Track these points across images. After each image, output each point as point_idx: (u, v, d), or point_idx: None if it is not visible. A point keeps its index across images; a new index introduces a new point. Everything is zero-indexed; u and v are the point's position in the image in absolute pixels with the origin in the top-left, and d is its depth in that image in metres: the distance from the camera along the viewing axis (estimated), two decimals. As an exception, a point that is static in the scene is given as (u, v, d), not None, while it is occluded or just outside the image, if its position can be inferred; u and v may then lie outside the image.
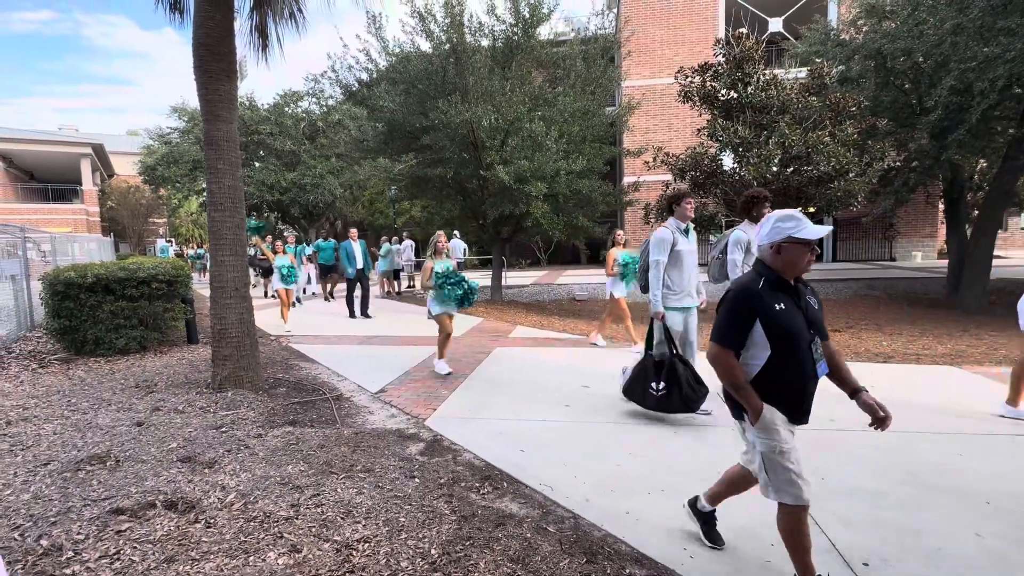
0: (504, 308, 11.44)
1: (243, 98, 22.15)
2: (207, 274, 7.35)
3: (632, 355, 6.66)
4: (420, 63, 10.76)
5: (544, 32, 12.09)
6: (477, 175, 11.14)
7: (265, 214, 23.96)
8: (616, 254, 7.01)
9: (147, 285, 6.83)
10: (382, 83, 11.48)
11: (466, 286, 5.47)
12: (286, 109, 21.82)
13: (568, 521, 2.80)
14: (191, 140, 21.50)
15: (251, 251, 15.71)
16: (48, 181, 31.79)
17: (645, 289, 4.58)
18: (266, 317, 10.42)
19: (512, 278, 16.85)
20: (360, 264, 10.03)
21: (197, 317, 8.10)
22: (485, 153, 10.68)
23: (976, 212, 11.51)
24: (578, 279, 16.54)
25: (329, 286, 13.88)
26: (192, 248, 24.42)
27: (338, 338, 8.18)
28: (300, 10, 5.72)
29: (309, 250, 15.24)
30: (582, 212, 11.83)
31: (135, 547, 2.50)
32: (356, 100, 12.71)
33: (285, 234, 24.31)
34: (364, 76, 11.93)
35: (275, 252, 9.56)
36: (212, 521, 2.74)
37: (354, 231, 10.39)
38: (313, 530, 2.67)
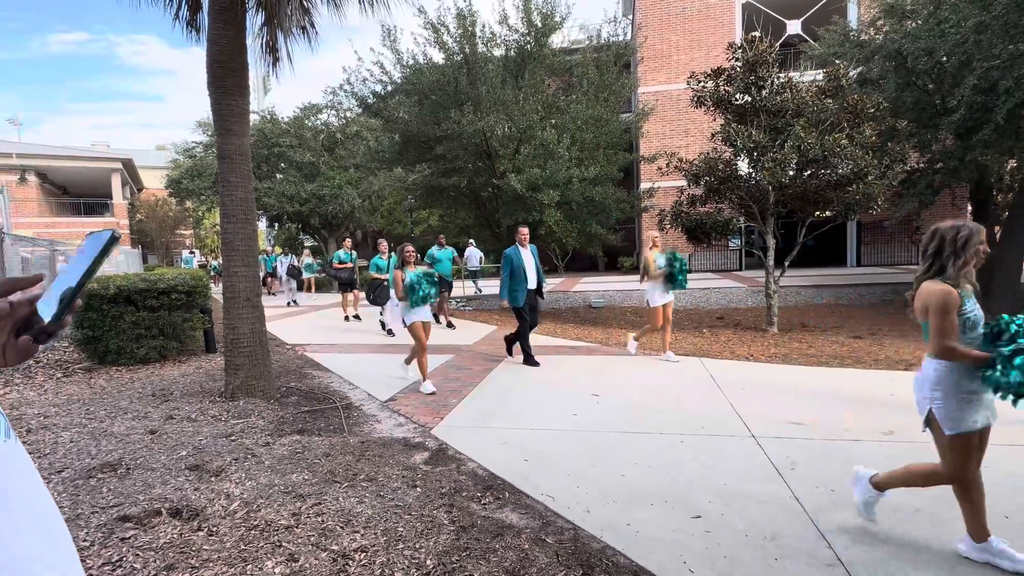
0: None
1: (265, 112, 22.69)
2: None
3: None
4: (433, 74, 10.89)
5: (557, 40, 12.14)
6: (490, 183, 11.20)
7: (286, 224, 24.42)
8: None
9: (167, 296, 7.00)
10: (396, 95, 11.65)
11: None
12: (306, 122, 22.24)
13: (568, 532, 2.76)
14: (214, 154, 22.05)
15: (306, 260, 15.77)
16: (80, 196, 32.89)
17: None
18: (285, 326, 10.60)
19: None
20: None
21: (215, 327, 8.27)
22: (498, 162, 10.73)
23: (1005, 214, 11.13)
24: (595, 286, 16.44)
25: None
26: (215, 258, 25.01)
27: (353, 347, 8.26)
28: (312, 25, 5.84)
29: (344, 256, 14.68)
30: (596, 219, 11.78)
31: (137, 554, 2.54)
32: (372, 112, 12.91)
33: (307, 246, 24.74)
34: (379, 88, 12.12)
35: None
36: (214, 529, 2.78)
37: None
38: (312, 539, 2.68)
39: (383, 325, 9.32)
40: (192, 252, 31.75)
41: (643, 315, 11.38)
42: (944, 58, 9.48)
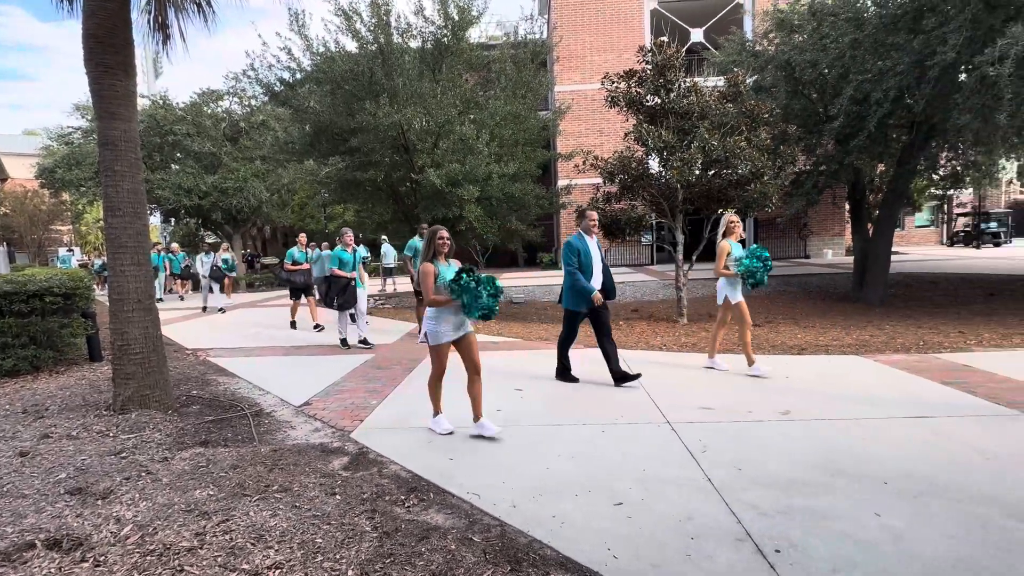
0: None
1: (156, 96, 20.77)
2: None
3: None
4: (346, 63, 10.45)
5: (475, 35, 12.07)
6: (409, 178, 10.96)
7: (184, 220, 22.54)
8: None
9: (39, 299, 6.20)
10: (306, 83, 11.07)
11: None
12: (205, 108, 20.61)
13: (495, 529, 2.74)
14: (96, 140, 19.90)
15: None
16: (-73, 185, 28.48)
17: None
18: (184, 330, 9.77)
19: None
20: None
21: (101, 332, 7.45)
22: (416, 156, 10.51)
23: (876, 212, 12.49)
24: (515, 282, 16.59)
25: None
26: (100, 257, 22.58)
27: (261, 350, 7.76)
28: (208, 2, 5.37)
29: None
30: (516, 215, 11.88)
31: (5, 596, 2.22)
32: (279, 100, 12.18)
33: (208, 242, 22.98)
34: (287, 76, 11.44)
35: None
36: (102, 559, 2.48)
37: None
38: (219, 560, 2.47)
39: (365, 342, 7.60)
40: (71, 250, 28.45)
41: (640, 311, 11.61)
42: (826, 70, 10.45)
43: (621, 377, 5.21)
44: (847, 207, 14.95)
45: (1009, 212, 26.31)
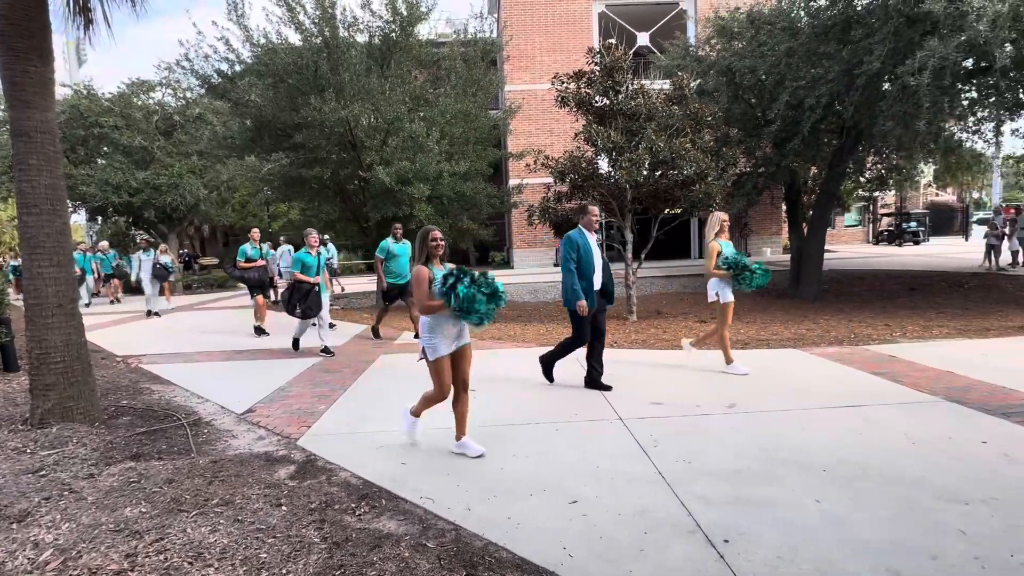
0: (391, 314, 11.04)
1: (80, 86, 19.39)
2: None
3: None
4: (289, 56, 10.07)
5: (424, 32, 11.89)
6: (357, 176, 10.68)
7: (112, 218, 21.16)
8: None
9: (-57, 305, 5.65)
10: (246, 76, 10.59)
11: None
12: (135, 100, 19.39)
13: (449, 534, 2.69)
14: (8, 131, 18.36)
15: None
16: None
17: None
18: (113, 335, 9.14)
19: (400, 282, 16.39)
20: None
21: (16, 340, 6.87)
22: (365, 153, 10.26)
23: (810, 213, 13.16)
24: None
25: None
26: (15, 259, 20.88)
27: (201, 355, 7.36)
28: (136, -14, 5.03)
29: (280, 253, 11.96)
30: (467, 214, 11.80)
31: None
32: (217, 93, 11.60)
33: (138, 240, 21.69)
34: (225, 67, 10.91)
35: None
36: (17, 588, 2.27)
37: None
38: (152, 582, 2.30)
39: (326, 351, 6.94)
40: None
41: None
42: (763, 76, 10.91)
43: (596, 384, 5.03)
44: (784, 208, 15.69)
45: (927, 213, 28.39)
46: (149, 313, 11.45)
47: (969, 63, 8.63)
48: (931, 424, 3.89)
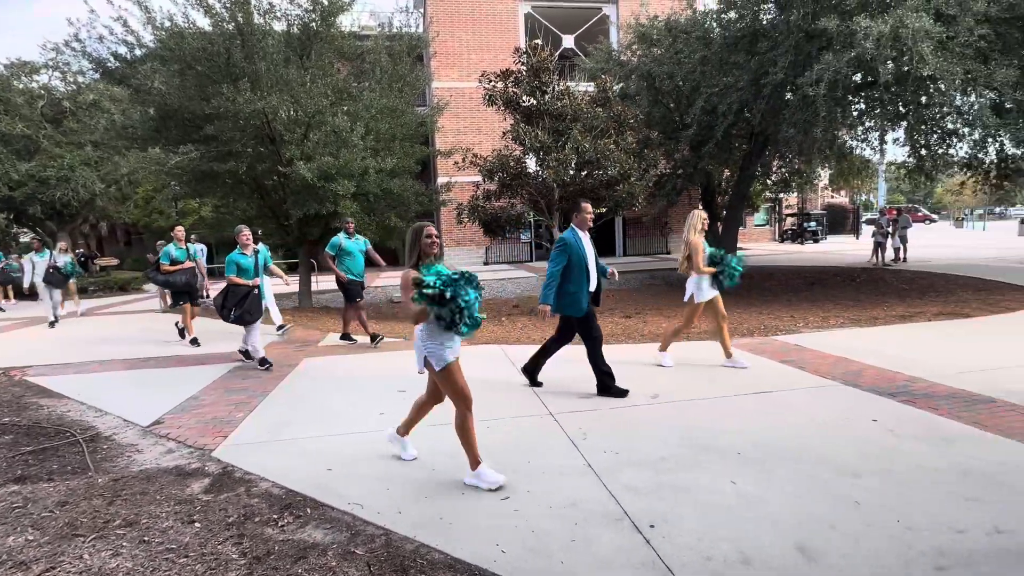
0: (314, 315, 10.63)
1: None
2: None
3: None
4: (198, 41, 9.39)
5: (347, 23, 11.49)
6: (276, 171, 10.15)
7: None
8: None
9: None
10: (148, 60, 9.77)
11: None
12: (15, 83, 17.40)
13: (379, 539, 2.62)
14: None
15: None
16: None
17: None
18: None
19: (325, 282, 15.81)
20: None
21: None
22: (284, 147, 9.76)
23: (724, 213, 14.03)
24: (397, 281, 16.19)
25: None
26: None
27: (98, 365, 6.72)
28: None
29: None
30: (395, 212, 11.54)
31: None
32: (114, 78, 10.63)
33: (27, 239, 19.57)
34: (123, 50, 10.01)
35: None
36: None
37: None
38: (41, 617, 2.07)
39: (246, 355, 6.37)
40: None
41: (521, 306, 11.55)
42: (681, 82, 11.49)
43: (611, 391, 4.74)
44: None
45: (824, 213, 30.98)
46: (52, 324, 10.13)
47: (858, 77, 9.50)
48: (831, 406, 4.25)
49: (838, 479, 3.02)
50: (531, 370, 5.07)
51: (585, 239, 4.76)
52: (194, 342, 7.68)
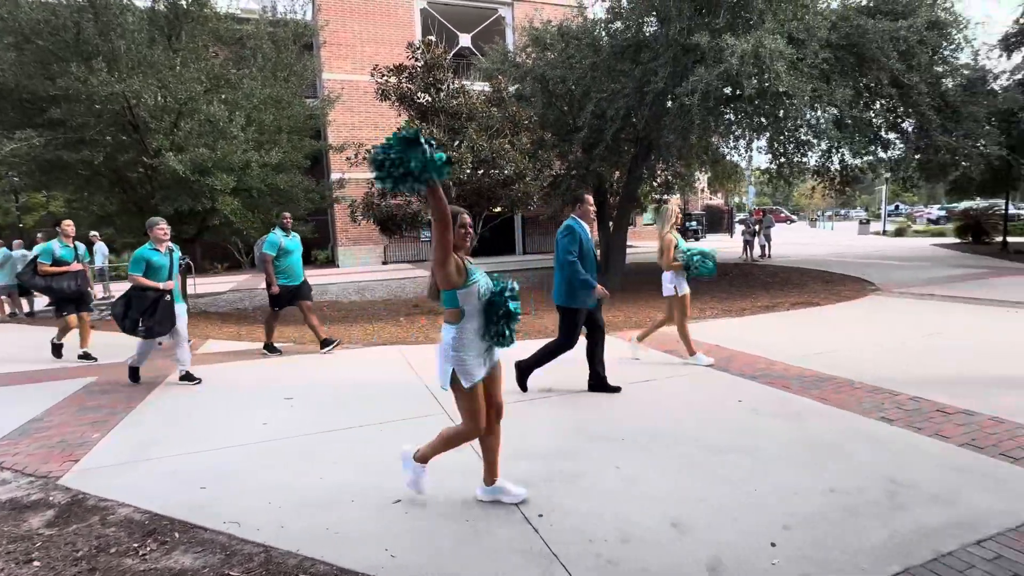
0: (193, 320, 9.70)
1: None
2: None
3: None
4: (37, 12, 8.20)
5: (223, 4, 10.64)
6: (141, 162, 9.15)
7: None
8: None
9: None
10: (-26, 31, 8.39)
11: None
12: None
13: (258, 557, 2.45)
14: None
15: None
16: None
17: None
18: None
19: (204, 285, 14.53)
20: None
21: None
22: (151, 136, 8.82)
23: (615, 212, 14.77)
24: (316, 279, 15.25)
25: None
26: None
27: (-90, 386, 5.65)
28: None
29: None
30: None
31: None
32: (-73, 48, 8.99)
33: None
34: (-62, 16, 8.49)
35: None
36: None
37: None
38: None
39: (190, 377, 5.46)
40: None
41: (420, 306, 11.14)
42: (572, 86, 11.91)
43: (604, 387, 4.67)
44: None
45: (704, 213, 33.77)
46: None
47: (728, 90, 10.44)
48: (705, 390, 4.63)
49: (709, 457, 3.30)
50: (524, 370, 4.74)
51: (588, 230, 4.57)
52: (86, 356, 6.57)
